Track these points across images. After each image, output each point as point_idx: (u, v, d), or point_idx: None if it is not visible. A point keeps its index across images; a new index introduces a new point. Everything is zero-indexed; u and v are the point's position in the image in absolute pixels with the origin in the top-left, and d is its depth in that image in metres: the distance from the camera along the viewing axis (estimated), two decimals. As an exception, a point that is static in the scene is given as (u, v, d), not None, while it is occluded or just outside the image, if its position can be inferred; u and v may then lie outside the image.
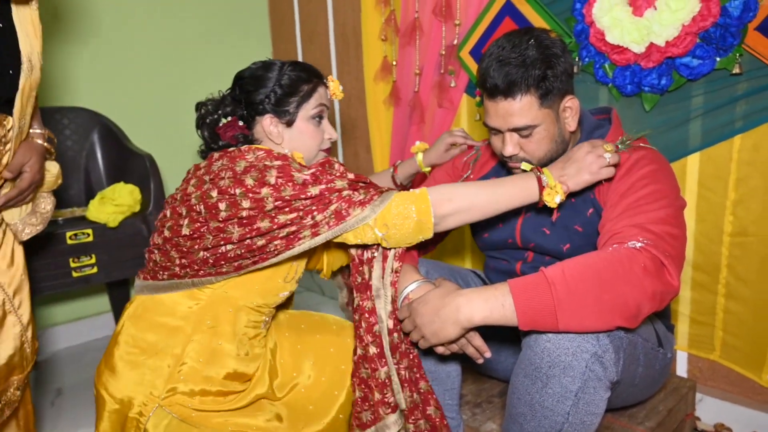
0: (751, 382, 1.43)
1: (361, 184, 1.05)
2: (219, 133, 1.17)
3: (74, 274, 1.73)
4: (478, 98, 1.83)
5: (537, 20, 1.61)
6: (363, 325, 1.09)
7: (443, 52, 1.87)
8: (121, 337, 1.13)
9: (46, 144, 1.21)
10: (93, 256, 1.75)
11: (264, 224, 1.01)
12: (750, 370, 1.42)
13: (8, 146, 1.11)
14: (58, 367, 2.07)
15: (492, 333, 1.02)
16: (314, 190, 1.01)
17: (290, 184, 1.01)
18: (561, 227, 1.14)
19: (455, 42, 1.83)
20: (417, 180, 1.55)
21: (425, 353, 1.14)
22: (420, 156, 1.46)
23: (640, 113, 1.47)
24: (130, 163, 2.00)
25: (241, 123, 1.17)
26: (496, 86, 1.04)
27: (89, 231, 1.74)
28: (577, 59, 1.53)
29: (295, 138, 1.16)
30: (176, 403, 1.07)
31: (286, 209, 1.01)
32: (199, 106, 1.21)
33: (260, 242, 1.03)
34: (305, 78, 1.15)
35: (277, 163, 1.04)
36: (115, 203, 1.78)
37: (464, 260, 2.06)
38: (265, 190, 1.00)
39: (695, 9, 1.27)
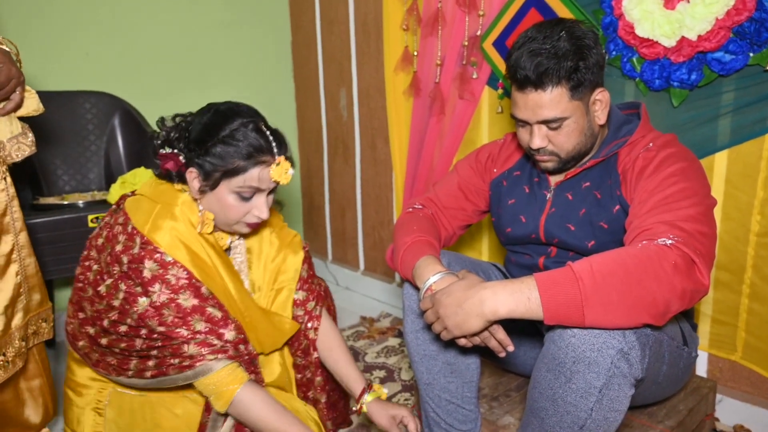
0: (773, 385, 1.42)
1: (197, 337, 1.03)
2: (158, 160, 1.11)
3: (94, 257, 1.75)
4: (500, 90, 1.81)
5: (564, 12, 1.58)
6: None
7: (466, 43, 1.85)
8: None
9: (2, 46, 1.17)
10: (113, 239, 1.77)
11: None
12: (772, 372, 1.40)
13: None
14: (76, 348, 2.09)
15: (511, 327, 1.01)
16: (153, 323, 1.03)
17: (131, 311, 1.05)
18: (586, 223, 1.13)
19: (478, 33, 1.81)
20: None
21: (446, 344, 1.13)
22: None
23: (668, 109, 1.44)
24: (150, 148, 2.01)
25: (181, 158, 1.09)
26: (527, 77, 1.02)
27: (110, 215, 1.75)
28: (604, 52, 1.50)
29: (213, 203, 1.09)
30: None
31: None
32: (158, 122, 1.16)
33: (104, 340, 1.08)
34: (242, 154, 1.04)
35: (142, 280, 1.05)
36: (135, 187, 1.79)
37: (481, 254, 2.05)
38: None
39: (730, 3, 1.24)
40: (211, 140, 1.05)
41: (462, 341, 0.98)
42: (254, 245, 1.26)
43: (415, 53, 2.02)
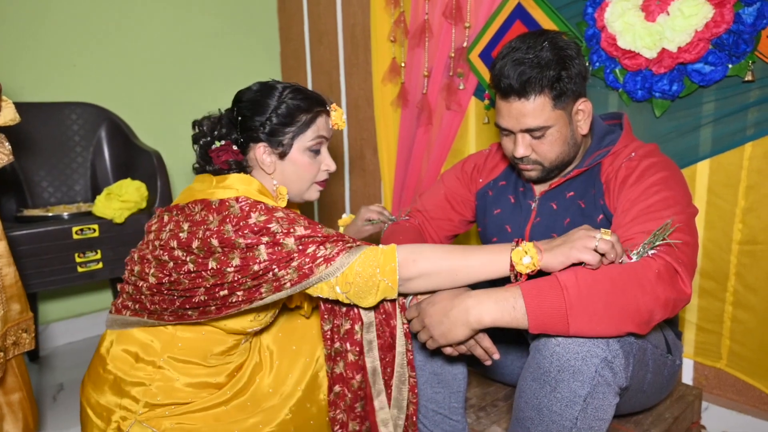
0: (758, 392, 1.43)
1: (330, 238, 0.99)
2: (212, 156, 1.11)
3: (79, 269, 1.73)
4: (486, 101, 1.83)
5: (548, 24, 1.61)
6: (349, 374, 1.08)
7: (452, 55, 1.86)
8: (103, 354, 1.13)
9: None
10: (98, 251, 1.75)
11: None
12: (757, 379, 1.41)
13: None
14: (61, 362, 2.06)
15: (498, 336, 1.01)
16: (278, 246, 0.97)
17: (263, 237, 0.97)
18: (571, 232, 1.13)
19: (465, 44, 1.83)
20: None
21: (432, 354, 1.13)
22: (342, 230, 1.46)
23: (651, 119, 1.47)
24: (136, 160, 2.00)
25: (235, 147, 1.11)
26: (510, 86, 1.04)
27: (95, 226, 1.74)
28: (587, 64, 1.53)
29: (287, 170, 1.12)
30: (154, 417, 1.07)
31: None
32: (194, 125, 1.16)
33: (223, 292, 1.00)
34: (304, 107, 1.10)
35: (252, 220, 0.99)
36: (121, 199, 1.78)
37: (469, 263, 2.05)
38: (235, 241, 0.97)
39: (708, 15, 1.27)
40: (269, 108, 1.09)
41: (448, 350, 0.98)
42: None
43: (403, 64, 2.04)
